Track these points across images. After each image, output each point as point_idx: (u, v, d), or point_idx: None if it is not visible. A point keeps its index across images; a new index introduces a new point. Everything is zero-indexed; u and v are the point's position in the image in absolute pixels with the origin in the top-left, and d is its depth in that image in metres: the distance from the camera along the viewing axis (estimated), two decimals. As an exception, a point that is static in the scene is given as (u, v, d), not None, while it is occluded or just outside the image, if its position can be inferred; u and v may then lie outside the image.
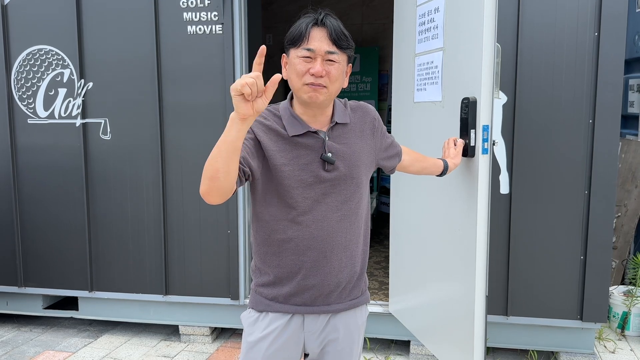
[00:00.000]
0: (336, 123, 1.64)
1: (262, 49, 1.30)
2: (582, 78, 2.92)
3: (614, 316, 3.60)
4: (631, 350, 3.38)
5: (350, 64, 1.66)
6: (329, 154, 1.58)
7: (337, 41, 1.54)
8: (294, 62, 1.56)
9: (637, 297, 3.52)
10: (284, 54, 1.64)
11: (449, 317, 2.64)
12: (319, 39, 1.53)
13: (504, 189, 3.04)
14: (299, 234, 1.59)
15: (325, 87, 1.55)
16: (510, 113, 2.98)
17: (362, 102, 1.76)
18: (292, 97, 1.66)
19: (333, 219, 1.60)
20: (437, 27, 2.65)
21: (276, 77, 1.29)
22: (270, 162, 1.56)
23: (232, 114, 1.33)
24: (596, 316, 3.04)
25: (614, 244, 3.95)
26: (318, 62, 1.53)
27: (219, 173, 1.37)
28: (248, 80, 1.27)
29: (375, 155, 1.74)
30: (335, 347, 1.72)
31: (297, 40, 1.54)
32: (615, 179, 2.96)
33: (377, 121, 1.74)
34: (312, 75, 1.53)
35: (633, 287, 3.62)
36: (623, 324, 3.56)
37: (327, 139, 1.60)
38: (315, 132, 1.60)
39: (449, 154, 2.26)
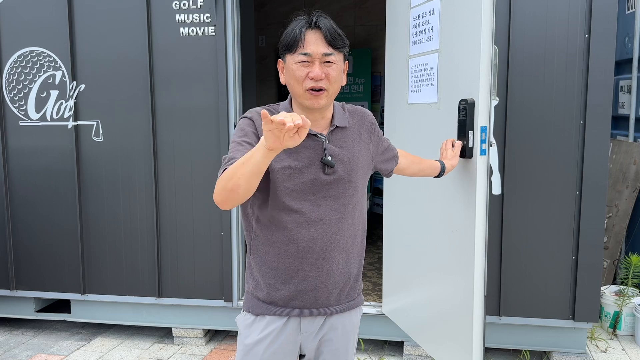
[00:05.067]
0: (336, 127, 1.64)
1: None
2: (573, 79, 2.94)
3: (605, 316, 3.63)
4: (623, 349, 3.40)
5: (347, 62, 1.66)
6: (329, 157, 1.58)
7: (332, 42, 1.54)
8: (291, 68, 1.56)
9: (628, 296, 3.55)
10: (279, 60, 1.64)
11: (446, 317, 2.65)
12: (314, 42, 1.53)
13: (496, 190, 3.06)
14: (299, 236, 1.59)
15: (325, 90, 1.55)
16: (502, 114, 3.00)
17: (359, 107, 1.77)
18: (291, 99, 1.66)
19: (332, 221, 1.61)
20: (432, 29, 2.66)
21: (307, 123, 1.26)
22: (271, 165, 1.55)
23: (263, 140, 1.31)
24: (588, 316, 3.06)
25: (605, 244, 3.98)
26: (316, 65, 1.53)
27: (240, 189, 1.38)
28: (295, 119, 1.23)
29: (372, 158, 1.75)
30: (331, 346, 1.73)
31: (293, 46, 1.54)
32: (606, 180, 2.99)
33: (374, 125, 1.76)
34: (312, 79, 1.53)
35: (624, 287, 3.65)
36: (615, 324, 3.58)
37: (327, 142, 1.60)
38: (316, 135, 1.60)
39: (446, 155, 2.27)
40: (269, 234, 1.61)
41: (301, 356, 1.76)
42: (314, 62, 1.53)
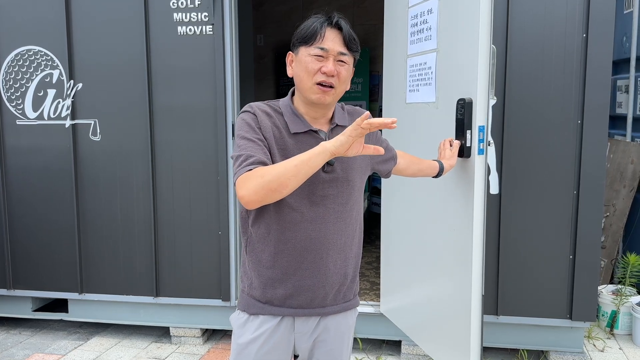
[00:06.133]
0: (336, 125, 1.65)
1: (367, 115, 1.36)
2: (570, 79, 2.94)
3: (602, 315, 3.63)
4: (620, 348, 3.41)
5: (353, 68, 1.67)
6: None
7: (349, 44, 1.58)
8: (304, 60, 1.57)
9: (626, 296, 3.56)
10: (289, 52, 1.65)
11: (444, 316, 2.65)
12: (332, 40, 1.56)
13: (494, 189, 3.06)
14: (297, 234, 1.59)
15: (333, 87, 1.57)
16: (500, 114, 3.00)
17: (357, 107, 1.78)
18: (292, 94, 1.67)
19: (330, 220, 1.61)
20: (430, 29, 2.66)
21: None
22: (272, 159, 1.55)
23: (327, 145, 1.38)
24: (585, 315, 3.07)
25: (602, 244, 3.99)
26: (330, 61, 1.55)
27: (286, 189, 1.40)
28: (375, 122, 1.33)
29: (370, 159, 1.75)
30: (325, 347, 1.72)
31: (310, 39, 1.56)
32: (604, 179, 2.99)
33: None
34: (324, 73, 1.54)
35: (622, 286, 3.65)
36: (612, 323, 3.59)
37: (327, 139, 1.60)
38: (316, 132, 1.61)
39: (444, 155, 2.27)
40: (265, 233, 1.61)
41: (295, 357, 1.76)
42: (328, 58, 1.55)
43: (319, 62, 1.55)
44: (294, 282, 1.62)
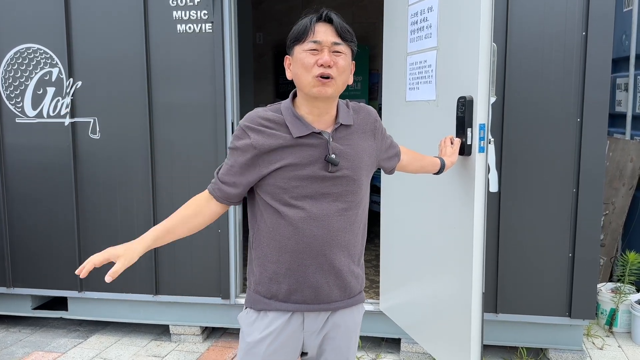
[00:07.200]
0: (340, 124, 1.64)
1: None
2: (570, 77, 2.94)
3: (602, 313, 3.64)
4: (619, 346, 3.42)
5: (354, 61, 1.66)
6: (333, 156, 1.58)
7: (342, 34, 1.57)
8: (300, 57, 1.57)
9: (625, 294, 3.56)
10: (287, 56, 1.64)
11: (444, 314, 2.65)
12: (324, 32, 1.56)
13: (494, 187, 3.06)
14: (301, 231, 1.59)
15: (333, 78, 1.56)
16: (500, 112, 3.00)
17: (362, 104, 1.76)
18: (293, 97, 1.66)
19: (334, 218, 1.61)
20: (430, 27, 2.66)
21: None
22: (274, 162, 1.56)
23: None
24: (584, 313, 3.07)
25: (602, 242, 3.99)
26: (325, 52, 1.55)
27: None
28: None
29: (376, 156, 1.75)
30: (333, 344, 1.73)
31: (302, 35, 1.56)
32: (603, 177, 3.00)
33: (378, 122, 1.76)
34: (321, 65, 1.54)
35: (621, 284, 3.66)
36: (611, 321, 3.59)
37: (331, 140, 1.60)
38: (319, 133, 1.60)
39: (445, 152, 2.27)
40: (272, 227, 1.61)
41: (303, 354, 1.76)
42: (323, 50, 1.55)
43: (314, 56, 1.55)
44: (297, 277, 1.62)
